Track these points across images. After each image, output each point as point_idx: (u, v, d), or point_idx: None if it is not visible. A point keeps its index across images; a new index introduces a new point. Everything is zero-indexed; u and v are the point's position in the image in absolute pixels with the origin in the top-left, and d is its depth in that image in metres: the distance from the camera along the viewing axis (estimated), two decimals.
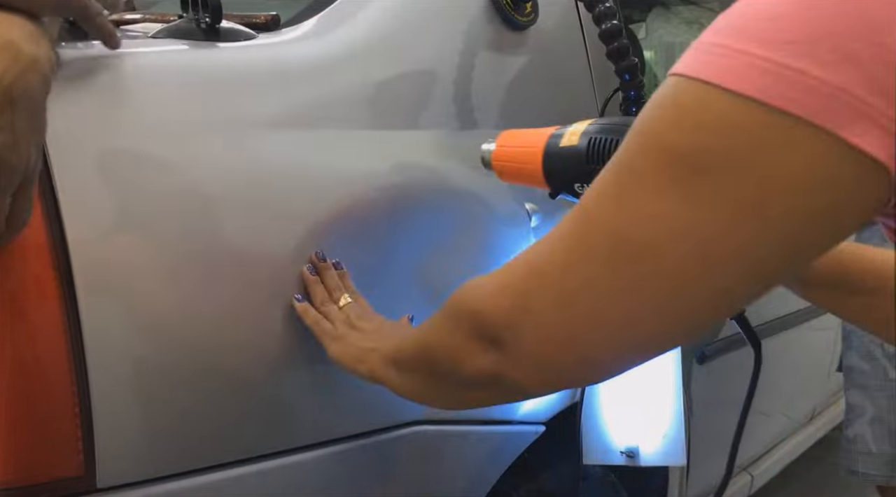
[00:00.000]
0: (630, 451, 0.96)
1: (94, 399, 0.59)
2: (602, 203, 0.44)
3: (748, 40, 0.39)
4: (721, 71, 0.39)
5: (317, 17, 0.86)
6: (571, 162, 0.72)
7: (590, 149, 0.70)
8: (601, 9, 0.95)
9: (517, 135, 0.80)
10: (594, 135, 0.70)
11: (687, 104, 0.41)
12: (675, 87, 0.42)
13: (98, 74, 0.65)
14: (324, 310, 0.71)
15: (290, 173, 0.73)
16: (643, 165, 0.42)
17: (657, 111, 0.43)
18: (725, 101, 0.39)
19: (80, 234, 0.59)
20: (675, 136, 0.41)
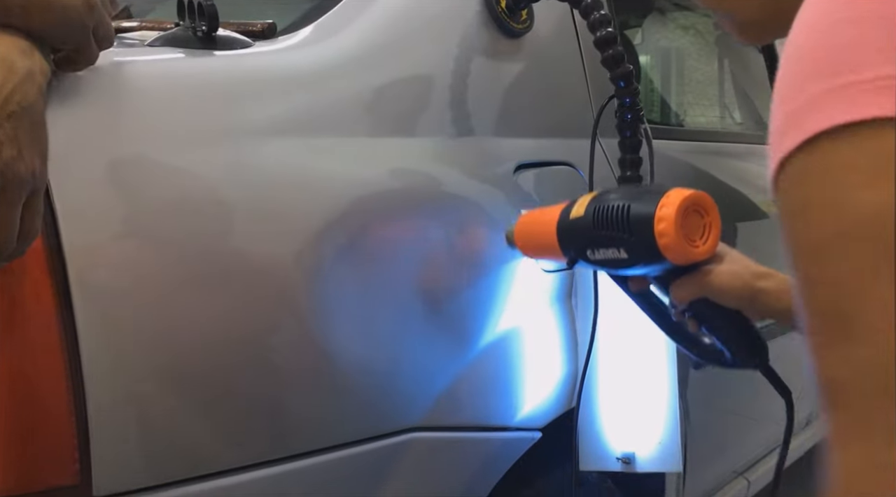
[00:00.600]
0: (626, 458, 0.97)
1: (89, 406, 0.59)
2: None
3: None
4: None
5: (313, 25, 0.86)
6: (581, 231, 0.77)
7: (595, 216, 0.75)
8: (596, 16, 0.95)
9: (534, 214, 0.87)
10: (598, 203, 0.76)
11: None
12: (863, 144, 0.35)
13: (94, 83, 0.65)
14: None
15: (286, 180, 0.73)
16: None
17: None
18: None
19: (77, 241, 0.59)
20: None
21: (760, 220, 1.63)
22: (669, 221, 0.70)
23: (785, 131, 0.38)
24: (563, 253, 0.81)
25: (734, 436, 1.63)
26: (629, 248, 0.73)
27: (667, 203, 0.71)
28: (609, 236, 0.74)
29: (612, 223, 0.74)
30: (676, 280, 0.77)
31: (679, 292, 0.77)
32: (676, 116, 2.01)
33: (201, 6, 0.74)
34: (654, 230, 0.70)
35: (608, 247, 0.75)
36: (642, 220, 0.72)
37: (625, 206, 0.73)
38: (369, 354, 0.78)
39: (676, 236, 0.70)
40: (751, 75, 2.09)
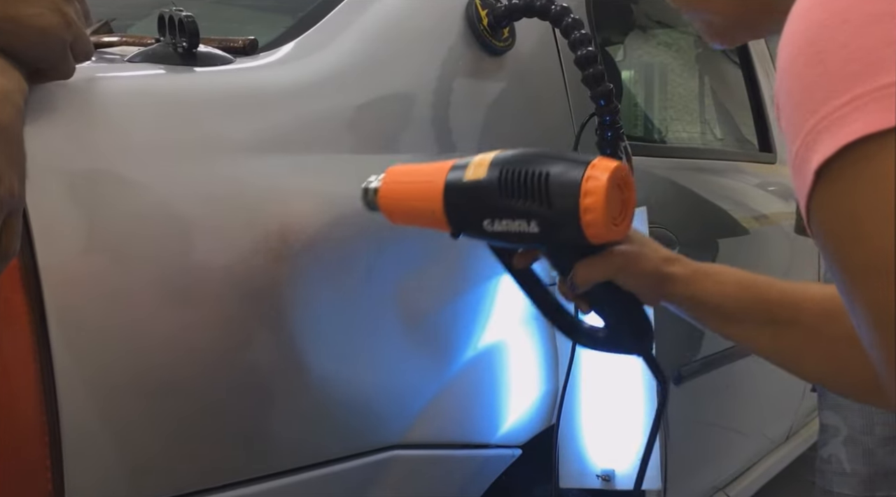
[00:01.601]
0: (606, 475, 0.97)
1: (63, 426, 0.59)
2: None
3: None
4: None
5: (295, 42, 0.86)
6: (481, 197, 0.66)
7: (503, 181, 0.64)
8: (577, 35, 0.96)
9: (408, 170, 0.72)
10: (506, 166, 0.65)
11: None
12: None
13: (73, 98, 0.64)
14: None
15: (267, 197, 0.73)
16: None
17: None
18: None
19: (52, 258, 0.59)
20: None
21: (741, 236, 1.65)
22: (599, 196, 0.61)
23: (818, 137, 0.36)
24: (447, 221, 0.69)
25: (714, 451, 1.63)
26: (543, 222, 0.64)
27: (594, 174, 0.62)
28: (518, 207, 0.64)
29: (525, 191, 0.63)
30: (584, 260, 0.69)
31: (586, 273, 0.69)
32: (658, 133, 2.03)
33: (182, 22, 0.74)
34: (579, 204, 0.62)
35: (514, 218, 0.65)
36: (566, 192, 0.62)
37: (543, 172, 0.63)
38: (349, 372, 0.78)
39: (604, 213, 0.62)
40: (731, 92, 2.12)
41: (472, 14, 1.00)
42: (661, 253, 0.74)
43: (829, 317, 0.65)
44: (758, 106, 2.03)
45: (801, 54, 0.37)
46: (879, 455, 1.35)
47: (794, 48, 0.38)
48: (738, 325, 0.72)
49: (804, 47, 0.37)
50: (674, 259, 0.74)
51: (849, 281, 0.37)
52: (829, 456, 1.39)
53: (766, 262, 1.78)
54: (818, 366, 0.68)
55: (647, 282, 0.72)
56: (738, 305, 0.71)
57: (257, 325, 0.70)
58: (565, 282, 0.72)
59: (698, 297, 0.72)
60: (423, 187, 0.69)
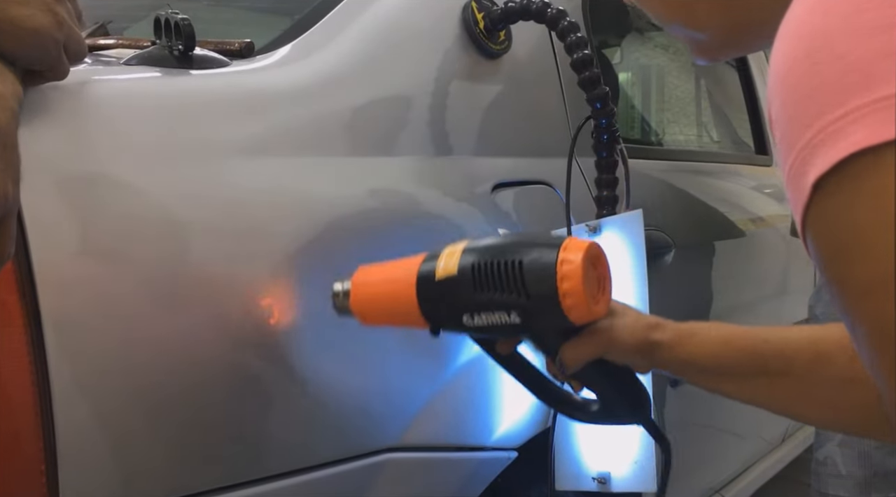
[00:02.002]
0: (602, 477, 0.97)
1: (58, 429, 0.59)
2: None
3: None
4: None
5: (291, 45, 0.87)
6: (456, 292, 0.65)
7: (475, 275, 0.64)
8: (573, 38, 0.96)
9: (377, 271, 0.71)
10: (478, 259, 0.64)
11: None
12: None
13: (68, 100, 0.64)
14: None
15: (263, 200, 0.73)
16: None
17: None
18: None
19: (47, 261, 0.58)
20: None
21: (737, 238, 1.65)
22: (576, 279, 0.61)
23: (815, 151, 0.35)
24: (425, 319, 0.67)
25: (711, 453, 1.63)
26: (523, 312, 0.63)
27: (567, 257, 0.61)
28: (496, 299, 0.63)
29: (500, 283, 0.63)
30: (569, 342, 0.68)
31: (574, 354, 0.69)
32: (655, 136, 2.03)
33: (178, 25, 0.74)
34: (557, 289, 0.61)
35: (493, 310, 0.64)
36: (542, 278, 0.61)
37: (516, 262, 0.62)
38: (344, 374, 0.78)
39: (584, 295, 0.61)
40: (727, 94, 2.12)
41: (468, 17, 1.01)
42: (644, 320, 0.72)
43: (820, 361, 0.64)
44: (754, 108, 2.04)
45: (796, 65, 0.36)
46: (875, 457, 1.35)
47: (788, 59, 0.37)
48: (731, 382, 0.71)
49: (799, 58, 0.36)
50: (657, 325, 0.72)
51: (847, 298, 0.37)
52: (825, 458, 1.39)
53: (762, 264, 1.78)
54: (816, 410, 0.67)
55: (634, 352, 0.71)
56: (727, 362, 0.70)
57: (252, 328, 0.70)
58: (554, 363, 0.71)
59: (686, 359, 0.71)
60: (394, 288, 0.68)
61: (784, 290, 1.88)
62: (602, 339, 0.69)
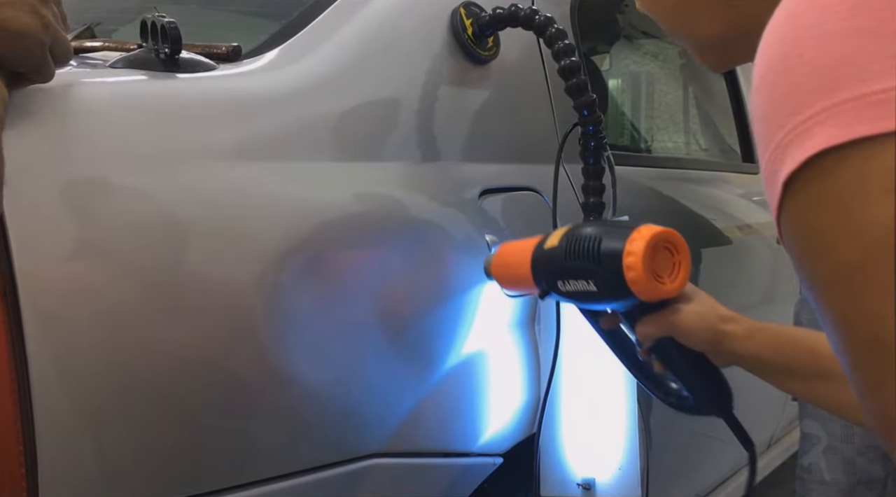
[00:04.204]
0: (586, 483, 0.97)
1: (38, 432, 0.58)
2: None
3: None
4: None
5: (279, 49, 0.86)
6: (554, 261, 0.78)
7: (568, 247, 0.76)
8: (560, 45, 0.96)
9: (511, 245, 0.87)
10: (571, 235, 0.76)
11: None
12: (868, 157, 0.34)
13: (54, 103, 0.64)
14: None
15: (248, 204, 0.73)
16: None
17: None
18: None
19: (29, 263, 0.58)
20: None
21: (725, 245, 1.66)
22: (637, 256, 0.70)
23: (785, 150, 0.37)
24: (535, 283, 0.81)
25: (697, 458, 1.64)
26: (598, 281, 0.73)
27: (637, 237, 0.71)
28: (579, 268, 0.74)
29: (582, 255, 0.74)
30: (643, 317, 0.77)
31: (644, 329, 0.76)
32: (642, 143, 2.04)
33: (165, 28, 0.74)
34: (622, 263, 0.71)
35: (578, 278, 0.75)
36: (611, 253, 0.72)
37: (596, 238, 0.73)
38: (330, 380, 0.78)
39: (644, 271, 0.70)
40: (715, 102, 2.13)
41: (456, 23, 1.01)
42: (720, 311, 0.76)
43: None
44: (741, 116, 2.05)
45: (770, 70, 0.38)
46: (859, 464, 1.36)
47: (764, 64, 0.39)
48: (795, 380, 0.74)
49: (773, 63, 0.38)
50: (731, 318, 0.76)
51: (816, 291, 0.38)
52: (810, 465, 1.40)
53: (749, 271, 1.79)
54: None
55: (703, 339, 0.75)
56: (792, 362, 0.73)
57: (239, 332, 0.70)
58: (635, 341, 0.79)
59: (755, 354, 0.75)
60: (518, 258, 0.83)
61: (770, 297, 1.88)
62: (667, 319, 0.75)
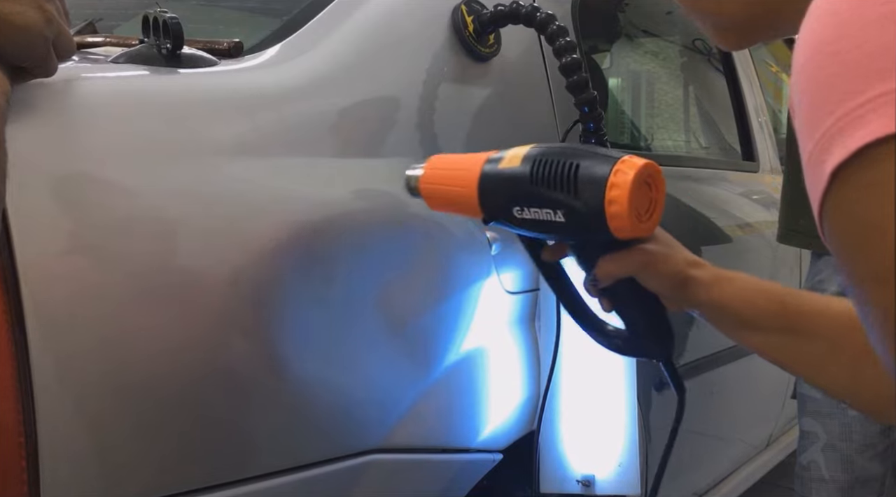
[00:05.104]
0: (586, 480, 0.97)
1: (40, 426, 0.58)
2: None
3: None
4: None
5: (280, 45, 0.87)
6: (513, 184, 0.68)
7: (534, 170, 0.67)
8: (561, 43, 0.97)
9: (449, 159, 0.76)
10: (539, 157, 0.68)
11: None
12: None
13: (56, 98, 0.64)
14: None
15: (249, 200, 0.73)
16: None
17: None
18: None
19: (31, 258, 0.58)
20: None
21: (725, 244, 1.66)
22: (624, 189, 0.63)
23: (834, 138, 0.35)
24: (480, 207, 0.71)
25: (696, 456, 1.64)
26: (569, 212, 0.65)
27: (623, 168, 0.64)
28: (547, 195, 0.66)
29: (555, 181, 0.65)
30: (607, 255, 0.70)
31: (609, 267, 0.70)
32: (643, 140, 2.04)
33: (166, 23, 0.74)
34: (604, 196, 0.63)
35: (543, 207, 0.67)
36: (594, 183, 0.64)
37: (573, 164, 0.65)
38: (329, 375, 0.78)
39: (628, 206, 0.63)
40: (715, 100, 2.13)
41: (457, 20, 1.01)
42: (686, 255, 0.73)
43: (850, 330, 0.64)
44: (741, 115, 2.05)
45: (817, 53, 0.36)
46: (858, 462, 1.36)
47: (810, 47, 0.37)
48: (758, 333, 0.71)
49: (820, 46, 0.36)
50: (697, 263, 0.73)
51: (861, 288, 0.37)
52: (808, 463, 1.40)
53: (749, 270, 1.79)
54: (838, 379, 0.68)
55: (669, 283, 0.71)
56: (759, 313, 0.70)
57: (238, 328, 0.70)
58: (589, 278, 0.72)
59: (719, 301, 0.72)
60: (460, 175, 0.72)
61: None
62: (639, 258, 0.70)
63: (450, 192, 0.74)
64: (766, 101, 2.23)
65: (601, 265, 0.70)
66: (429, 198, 0.76)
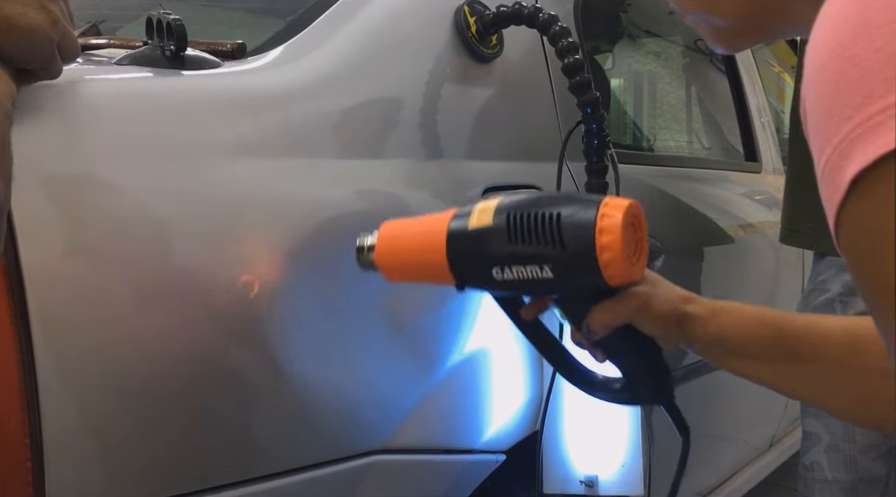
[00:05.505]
0: (589, 481, 0.97)
1: (45, 427, 0.58)
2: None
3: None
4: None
5: (283, 46, 0.87)
6: (489, 244, 0.63)
7: (511, 225, 0.62)
8: (564, 43, 0.97)
9: (403, 224, 0.69)
10: (513, 210, 0.62)
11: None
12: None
13: (60, 100, 0.65)
14: None
15: (253, 201, 0.73)
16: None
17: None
18: None
19: (36, 259, 0.58)
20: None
21: (727, 244, 1.66)
22: (615, 233, 0.59)
23: (853, 144, 0.33)
24: (452, 273, 0.65)
25: (698, 457, 1.64)
26: (557, 266, 0.61)
27: (608, 212, 0.60)
28: (531, 251, 0.61)
29: (537, 234, 0.61)
30: (599, 304, 0.66)
31: (604, 317, 0.66)
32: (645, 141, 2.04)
33: (170, 25, 0.74)
34: (594, 243, 0.60)
35: (527, 264, 0.62)
36: (580, 231, 0.60)
37: (554, 214, 0.61)
38: (333, 376, 0.78)
39: (622, 251, 0.60)
40: (718, 101, 2.13)
41: (460, 21, 1.01)
42: (678, 292, 0.70)
43: (855, 350, 0.63)
44: (744, 115, 2.05)
45: (833, 57, 0.35)
46: (861, 462, 1.36)
47: (825, 51, 0.36)
48: (763, 365, 0.69)
49: (837, 50, 0.35)
50: (691, 298, 0.70)
51: (879, 299, 0.35)
52: (811, 463, 1.40)
53: (751, 270, 1.79)
54: (848, 401, 0.66)
55: (665, 323, 0.68)
56: (761, 343, 0.68)
57: (241, 329, 0.70)
58: (580, 330, 0.68)
59: (717, 335, 0.69)
60: (423, 240, 0.66)
61: (772, 296, 1.88)
62: (635, 303, 0.67)
63: (413, 260, 0.67)
64: (769, 101, 2.23)
65: (595, 316, 0.66)
66: (388, 269, 0.68)
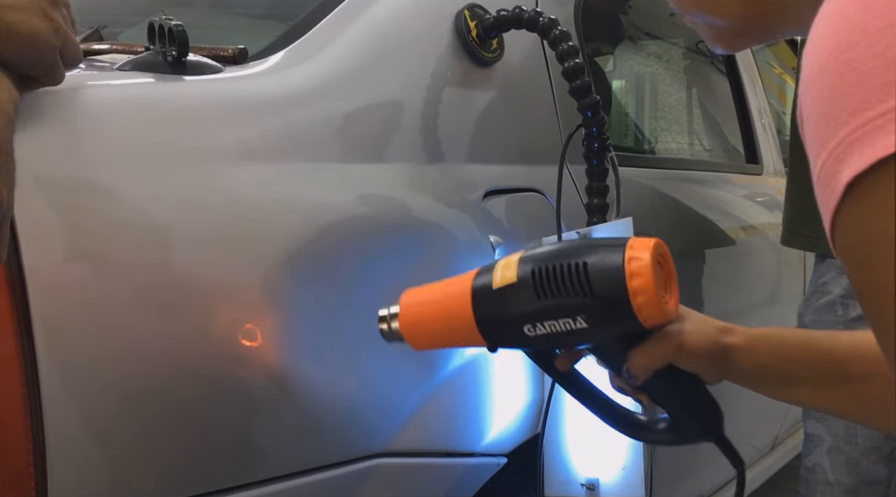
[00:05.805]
0: (590, 484, 0.97)
1: (48, 431, 0.59)
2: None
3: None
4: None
5: (284, 51, 0.87)
6: (518, 303, 0.61)
7: (539, 282, 0.61)
8: (564, 47, 0.97)
9: (424, 291, 0.67)
10: (538, 265, 0.61)
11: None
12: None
13: (62, 106, 0.65)
14: None
15: (255, 206, 0.74)
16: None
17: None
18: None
19: (38, 264, 0.59)
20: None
21: (728, 246, 1.66)
22: (646, 275, 0.58)
23: (850, 149, 0.33)
24: (482, 335, 0.64)
25: (700, 459, 1.64)
26: (590, 315, 0.60)
27: (635, 254, 0.59)
28: (561, 305, 0.60)
29: (566, 287, 0.60)
30: (636, 348, 0.64)
31: (644, 361, 0.64)
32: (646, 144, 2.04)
33: (172, 30, 0.75)
34: (626, 288, 0.58)
35: (559, 317, 0.60)
36: (611, 277, 0.59)
37: (580, 264, 0.60)
38: (335, 380, 0.78)
39: (655, 293, 0.58)
40: (719, 103, 2.13)
41: (461, 25, 1.01)
42: (713, 324, 0.68)
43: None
44: (745, 117, 2.05)
45: (830, 60, 0.35)
46: (863, 464, 1.36)
47: (823, 53, 0.35)
48: (812, 390, 0.67)
49: (835, 53, 0.35)
50: (728, 329, 0.68)
51: (875, 307, 0.35)
52: (813, 465, 1.40)
53: (753, 272, 1.79)
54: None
55: (706, 358, 0.66)
56: (808, 368, 0.66)
57: (242, 333, 0.71)
58: (620, 375, 0.67)
59: (762, 364, 0.67)
60: (449, 305, 0.65)
61: (774, 298, 1.88)
62: (672, 342, 0.65)
63: (441, 327, 0.66)
64: (770, 102, 2.23)
65: (634, 361, 0.64)
66: (414, 339, 0.67)
